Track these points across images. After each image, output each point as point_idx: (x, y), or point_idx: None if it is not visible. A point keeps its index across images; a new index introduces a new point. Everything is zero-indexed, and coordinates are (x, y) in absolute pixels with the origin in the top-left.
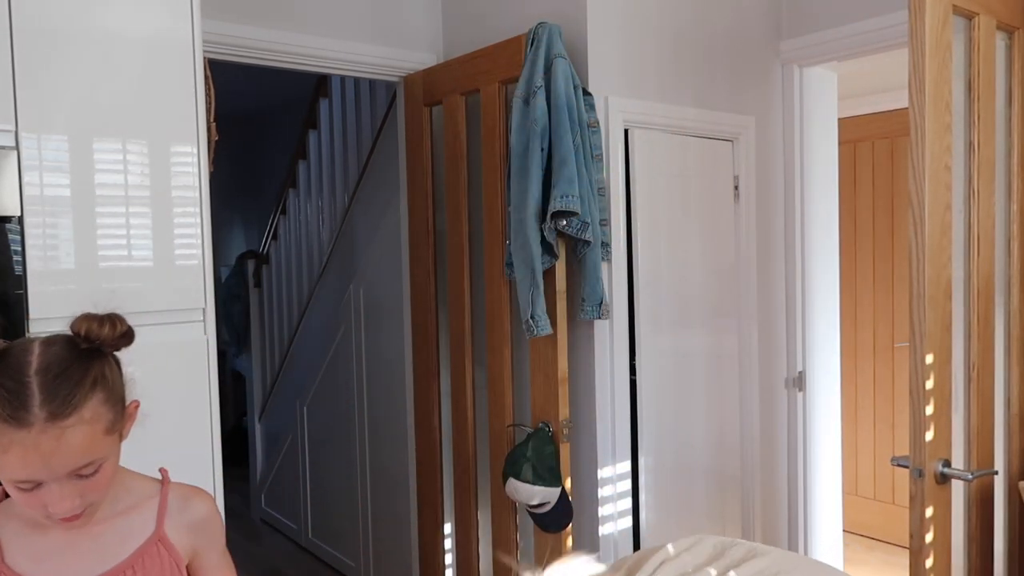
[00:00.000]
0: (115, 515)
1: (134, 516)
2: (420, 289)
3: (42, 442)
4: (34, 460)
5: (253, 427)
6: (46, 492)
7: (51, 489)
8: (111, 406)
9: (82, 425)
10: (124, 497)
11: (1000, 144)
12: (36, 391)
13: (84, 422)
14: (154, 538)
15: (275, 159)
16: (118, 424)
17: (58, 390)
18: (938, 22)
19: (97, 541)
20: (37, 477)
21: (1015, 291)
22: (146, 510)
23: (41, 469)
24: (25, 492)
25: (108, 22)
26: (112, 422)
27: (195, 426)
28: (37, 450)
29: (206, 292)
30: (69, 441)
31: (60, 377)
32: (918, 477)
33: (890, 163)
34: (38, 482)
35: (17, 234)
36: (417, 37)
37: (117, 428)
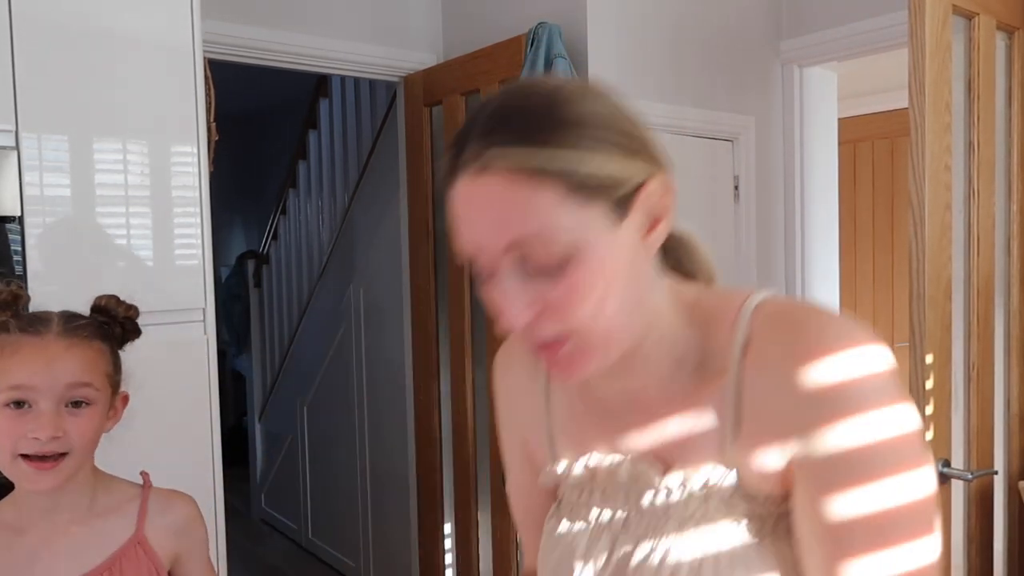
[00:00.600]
0: (94, 516)
1: (113, 518)
2: (420, 289)
3: (52, 346)
4: (39, 361)
5: (253, 427)
6: (33, 415)
7: (38, 411)
8: (113, 362)
9: (89, 350)
10: (103, 499)
11: (1000, 144)
12: (55, 316)
13: (91, 348)
14: (133, 540)
15: (275, 159)
16: (114, 381)
17: (75, 320)
18: (938, 22)
19: (74, 543)
20: (35, 381)
21: (1015, 291)
22: (126, 513)
23: (43, 372)
24: (11, 414)
25: (108, 22)
26: (110, 375)
27: (195, 426)
28: (45, 352)
29: (206, 292)
30: (75, 353)
31: (78, 318)
32: None
33: (890, 163)
34: (29, 399)
35: (17, 234)
36: (417, 37)
37: (112, 385)
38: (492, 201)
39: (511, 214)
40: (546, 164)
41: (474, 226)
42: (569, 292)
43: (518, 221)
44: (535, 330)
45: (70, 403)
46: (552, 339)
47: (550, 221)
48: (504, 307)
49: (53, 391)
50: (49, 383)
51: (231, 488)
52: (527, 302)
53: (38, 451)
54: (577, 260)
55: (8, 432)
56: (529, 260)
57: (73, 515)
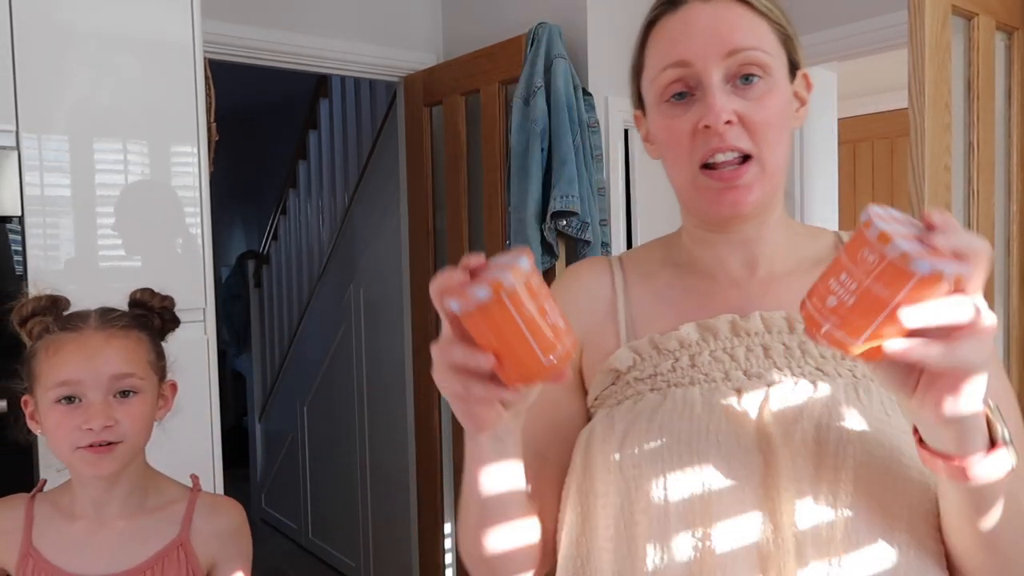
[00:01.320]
0: (142, 512)
1: (160, 517)
2: (420, 289)
3: (91, 340)
4: (81, 357)
5: (253, 427)
6: (83, 408)
7: (89, 403)
8: (154, 350)
9: (128, 340)
10: (153, 497)
11: (999, 144)
12: (93, 312)
13: (129, 338)
14: (176, 542)
15: (275, 159)
16: (158, 368)
17: (111, 314)
18: (937, 22)
19: (121, 537)
20: (79, 376)
21: (1014, 291)
22: (173, 513)
23: (85, 366)
24: (62, 409)
25: (109, 23)
26: (153, 363)
27: (195, 426)
28: (86, 346)
29: (206, 292)
30: (115, 344)
31: (114, 311)
32: None
33: (890, 163)
34: (78, 394)
35: (18, 234)
36: (417, 37)
37: (157, 372)
38: (725, 17)
39: (739, 27)
40: (764, 5)
41: (695, 39)
42: (765, 110)
43: (743, 34)
44: (729, 138)
45: (118, 393)
46: (740, 157)
47: (764, 43)
48: (715, 104)
49: (99, 383)
50: (94, 376)
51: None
52: (731, 109)
53: (93, 440)
54: (771, 85)
55: (63, 426)
56: (738, 73)
57: (123, 510)
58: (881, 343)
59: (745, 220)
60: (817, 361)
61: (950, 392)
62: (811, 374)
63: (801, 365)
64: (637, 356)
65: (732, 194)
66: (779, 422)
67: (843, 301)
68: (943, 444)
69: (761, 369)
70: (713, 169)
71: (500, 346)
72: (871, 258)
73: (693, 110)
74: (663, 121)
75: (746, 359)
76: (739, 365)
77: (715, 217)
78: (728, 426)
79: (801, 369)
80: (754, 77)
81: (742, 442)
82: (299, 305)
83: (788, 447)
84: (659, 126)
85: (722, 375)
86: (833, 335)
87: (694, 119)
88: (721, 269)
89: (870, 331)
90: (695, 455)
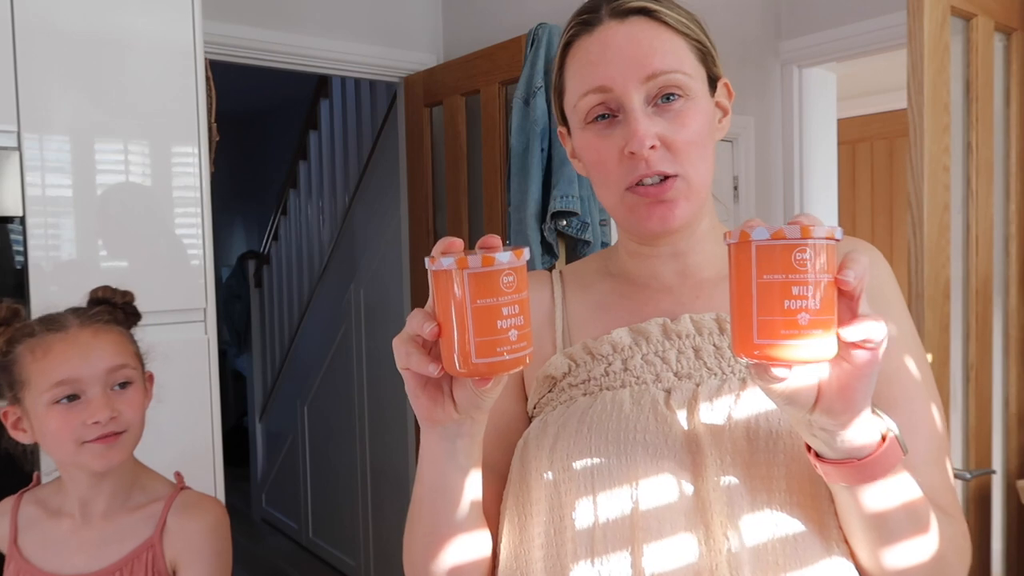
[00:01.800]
0: (125, 510)
1: (140, 516)
2: (420, 289)
3: (80, 337)
4: (73, 354)
5: (254, 427)
6: (84, 404)
7: (89, 399)
8: (133, 343)
9: (112, 333)
10: (138, 494)
11: (998, 145)
12: (66, 312)
13: (114, 332)
14: (148, 542)
15: (276, 159)
16: (141, 359)
17: (86, 311)
18: (936, 23)
19: (100, 536)
20: (78, 373)
21: (1013, 291)
22: (151, 512)
23: (81, 362)
24: (63, 409)
25: (110, 24)
26: (136, 354)
27: (196, 425)
28: (76, 343)
29: (207, 292)
30: (104, 338)
31: (86, 309)
32: None
33: (889, 164)
34: (77, 392)
35: (19, 234)
36: (417, 38)
37: (141, 361)
38: (641, 39)
39: (656, 50)
40: (681, 23)
41: (613, 63)
42: (686, 130)
43: (660, 56)
44: (653, 163)
45: (115, 385)
46: (663, 177)
47: (683, 64)
48: (637, 130)
49: (97, 378)
50: (91, 371)
51: (231, 488)
52: (653, 133)
53: (100, 434)
54: (691, 105)
55: (67, 425)
56: (659, 94)
57: (107, 507)
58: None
59: (674, 233)
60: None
61: (861, 379)
62: (741, 372)
63: (732, 365)
64: (572, 362)
65: (660, 209)
66: (707, 420)
67: (811, 308)
68: (843, 447)
69: (691, 370)
70: (639, 186)
71: (443, 322)
72: (805, 254)
73: (617, 133)
74: (588, 143)
75: (677, 361)
76: (670, 367)
77: (646, 232)
78: (656, 425)
79: (732, 368)
80: (674, 96)
81: (670, 441)
82: (299, 305)
83: (717, 446)
84: (585, 148)
85: (653, 377)
86: (811, 348)
87: (619, 143)
88: (654, 279)
89: (835, 316)
90: (623, 455)
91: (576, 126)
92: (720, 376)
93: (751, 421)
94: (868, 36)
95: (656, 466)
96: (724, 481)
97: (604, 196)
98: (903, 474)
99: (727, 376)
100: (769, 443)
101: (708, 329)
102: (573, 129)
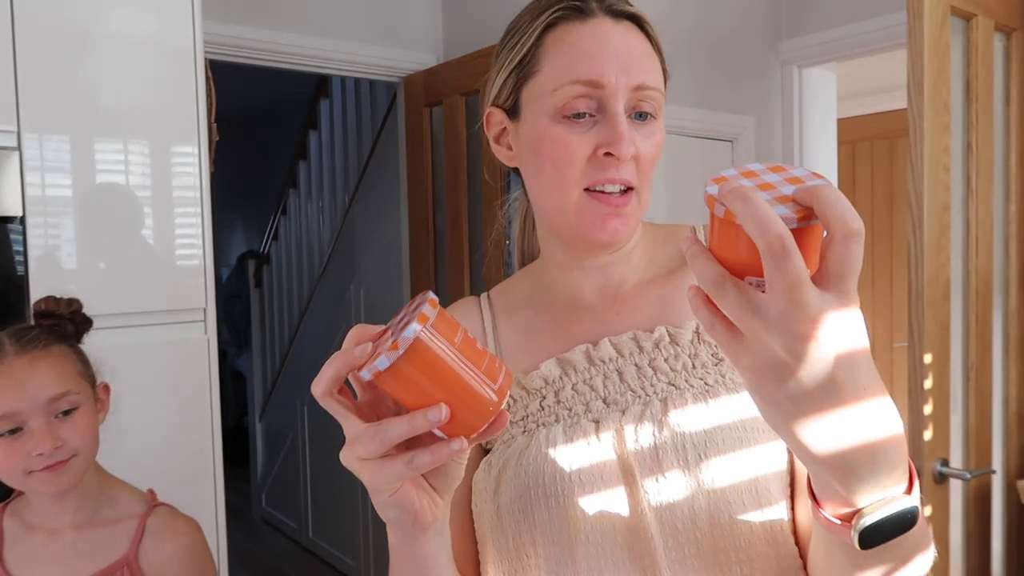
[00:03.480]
0: (94, 525)
1: (111, 531)
2: (420, 289)
3: (16, 368)
4: (10, 386)
5: (254, 427)
6: (27, 436)
7: (32, 431)
8: (79, 359)
9: (51, 357)
10: (106, 508)
11: (998, 145)
12: (5, 337)
13: (53, 355)
14: (123, 561)
15: (276, 159)
16: (88, 377)
17: (25, 334)
18: (936, 23)
19: (70, 549)
20: (16, 406)
21: (1013, 291)
22: (124, 528)
23: (18, 395)
24: (6, 442)
25: (110, 23)
26: (82, 372)
27: (196, 425)
28: (12, 376)
29: (207, 292)
30: (41, 366)
31: (26, 331)
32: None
33: (889, 163)
34: (19, 425)
35: (19, 234)
36: (417, 38)
37: (88, 381)
38: (634, 47)
39: (645, 65)
40: (660, 45)
41: (610, 62)
42: (652, 149)
43: (648, 71)
44: (623, 170)
45: (59, 413)
46: (624, 190)
47: (660, 84)
48: (624, 134)
49: (37, 409)
50: (30, 404)
51: (231, 488)
52: (632, 141)
53: (46, 464)
54: (658, 126)
55: (11, 457)
56: (635, 108)
57: (75, 519)
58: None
59: (614, 248)
60: (668, 376)
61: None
62: (663, 390)
63: (654, 383)
64: (509, 399)
65: (615, 221)
66: (634, 447)
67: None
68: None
69: (617, 394)
70: (599, 193)
71: (440, 392)
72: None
73: (593, 132)
74: (556, 136)
75: (604, 387)
76: (598, 394)
77: (592, 241)
78: (589, 463)
79: (654, 388)
80: (647, 115)
81: (605, 476)
82: (299, 305)
83: (649, 473)
84: (549, 140)
85: (583, 407)
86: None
87: (594, 142)
88: (578, 297)
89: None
90: (560, 499)
91: (541, 113)
92: (643, 399)
93: (677, 443)
94: (868, 36)
95: (594, 507)
96: (660, 507)
97: (553, 195)
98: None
99: (649, 398)
100: (699, 455)
101: (628, 350)
102: (534, 116)
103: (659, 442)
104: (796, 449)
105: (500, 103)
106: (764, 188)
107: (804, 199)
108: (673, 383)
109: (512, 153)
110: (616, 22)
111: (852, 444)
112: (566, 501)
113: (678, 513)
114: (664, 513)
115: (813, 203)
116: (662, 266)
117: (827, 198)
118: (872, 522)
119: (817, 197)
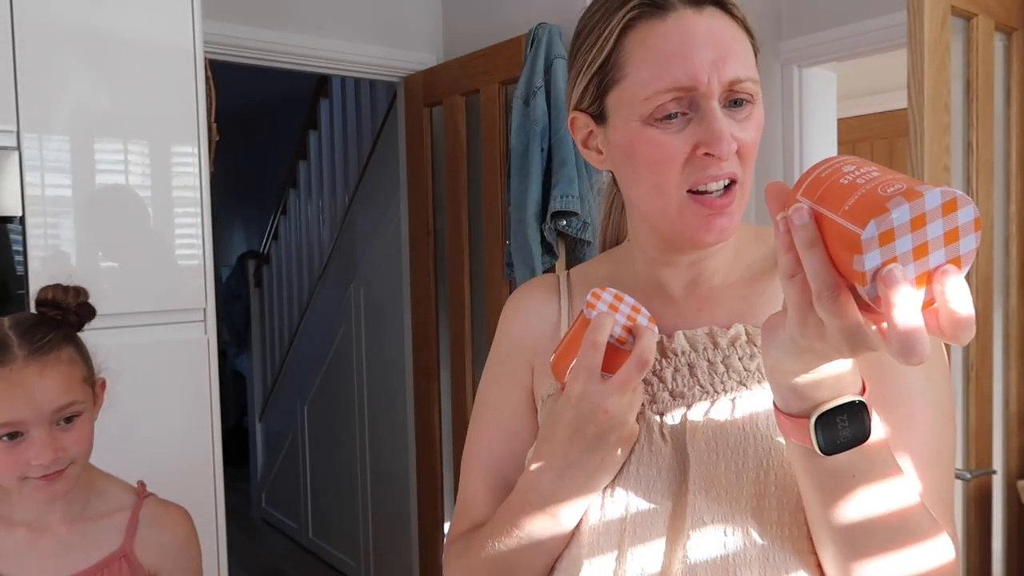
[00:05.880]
0: (84, 519)
1: (103, 524)
2: (420, 289)
3: (25, 376)
4: (18, 395)
5: (253, 427)
6: (28, 444)
7: (33, 439)
8: (84, 361)
9: (60, 365)
10: (96, 502)
11: (999, 145)
12: (14, 336)
13: (62, 362)
14: (119, 553)
15: (276, 159)
16: (91, 380)
17: (34, 335)
18: (937, 23)
19: (62, 545)
20: (21, 415)
21: (1013, 291)
22: (116, 521)
23: (25, 405)
24: (5, 447)
25: (109, 23)
26: (86, 376)
27: (196, 425)
28: (21, 385)
29: (207, 292)
30: (50, 375)
31: (34, 327)
32: None
33: (889, 163)
34: (21, 430)
35: (19, 234)
36: (417, 37)
37: (90, 384)
38: (721, 36)
39: (735, 53)
40: (747, 20)
41: (698, 61)
42: (751, 134)
43: (739, 61)
44: (726, 166)
45: (61, 420)
46: (728, 183)
47: (753, 68)
48: (723, 132)
49: (41, 419)
50: (35, 414)
51: (231, 488)
52: (730, 135)
53: (43, 473)
54: (756, 109)
55: (8, 463)
56: (729, 97)
57: (65, 514)
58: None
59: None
60: (740, 375)
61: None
62: (734, 388)
63: (724, 381)
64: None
65: (720, 221)
66: (695, 446)
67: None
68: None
69: (684, 388)
70: (702, 195)
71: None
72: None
73: (688, 131)
74: (651, 139)
75: (672, 380)
76: (666, 386)
77: (698, 244)
78: (648, 456)
79: (724, 386)
80: (743, 102)
81: (662, 469)
82: (299, 305)
83: (703, 470)
84: (643, 143)
85: (649, 398)
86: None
87: (690, 141)
88: (662, 289)
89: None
90: (615, 487)
91: (631, 118)
92: (712, 396)
93: (739, 446)
94: (868, 36)
95: (647, 496)
96: (702, 510)
97: (653, 198)
98: (885, 482)
99: (718, 395)
100: (759, 470)
101: (702, 345)
102: (622, 121)
103: (720, 443)
104: (774, 371)
105: (584, 108)
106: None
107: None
108: (744, 383)
109: (603, 157)
110: (698, 11)
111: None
112: (622, 491)
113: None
114: (715, 511)
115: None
116: (749, 266)
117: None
118: (827, 408)
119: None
